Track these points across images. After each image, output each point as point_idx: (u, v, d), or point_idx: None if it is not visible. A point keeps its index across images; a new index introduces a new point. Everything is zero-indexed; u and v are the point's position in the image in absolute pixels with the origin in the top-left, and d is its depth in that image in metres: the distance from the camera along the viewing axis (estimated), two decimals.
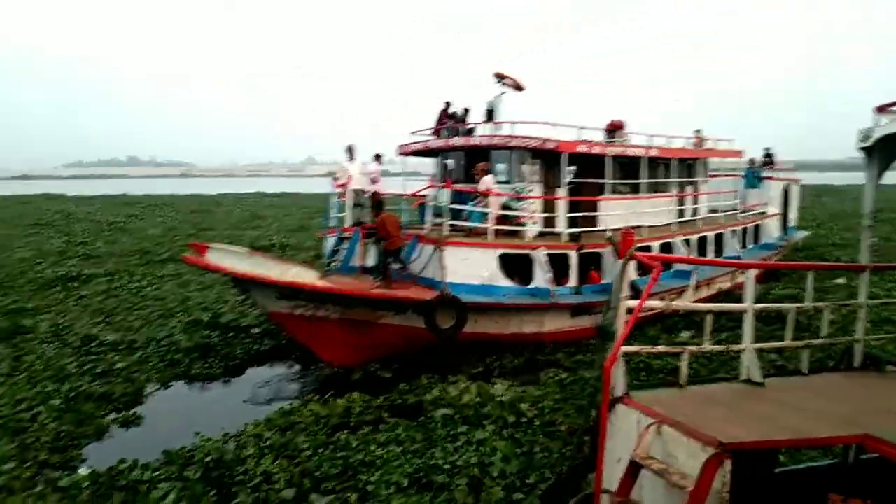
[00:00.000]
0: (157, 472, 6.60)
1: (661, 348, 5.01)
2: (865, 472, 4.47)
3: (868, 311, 5.84)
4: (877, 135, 5.25)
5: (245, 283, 9.77)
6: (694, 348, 4.89)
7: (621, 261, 4.35)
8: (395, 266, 10.98)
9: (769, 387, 4.90)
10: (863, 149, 5.46)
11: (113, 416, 8.51)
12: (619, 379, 4.26)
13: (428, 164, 15.41)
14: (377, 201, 11.65)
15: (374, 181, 12.96)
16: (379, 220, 10.97)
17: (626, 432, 4.08)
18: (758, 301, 4.97)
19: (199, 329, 11.94)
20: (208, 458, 6.74)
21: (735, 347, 5.09)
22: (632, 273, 4.31)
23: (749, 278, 5.11)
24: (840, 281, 14.91)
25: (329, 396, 8.70)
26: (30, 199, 54.67)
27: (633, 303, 4.35)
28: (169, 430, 8.10)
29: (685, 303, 4.79)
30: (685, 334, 11.00)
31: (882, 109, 5.46)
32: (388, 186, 14.03)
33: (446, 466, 6.42)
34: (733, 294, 14.44)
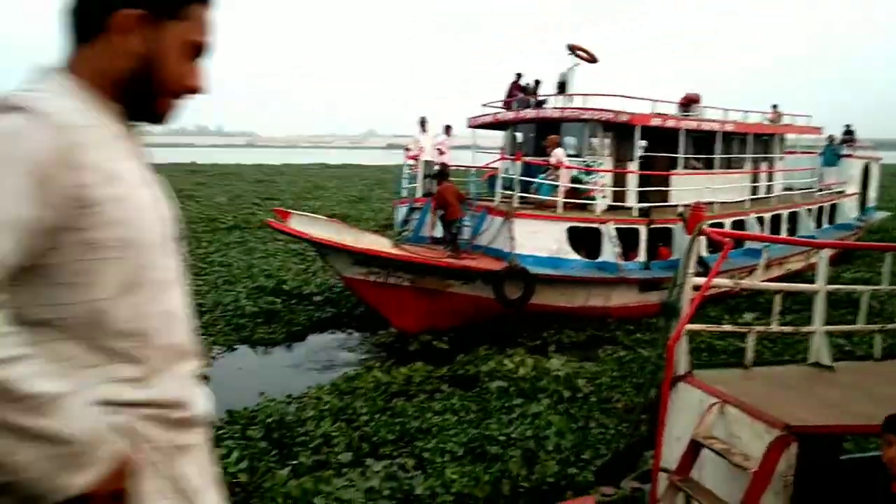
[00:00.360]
0: (222, 431, 6.84)
1: (726, 327, 4.90)
2: None
3: None
4: None
5: (323, 248, 10.15)
6: (761, 328, 4.76)
7: (689, 236, 4.24)
8: (451, 236, 11.21)
9: (839, 371, 4.73)
10: None
11: None
12: (682, 357, 4.19)
13: (494, 138, 15.46)
14: (443, 172, 11.83)
15: (441, 153, 13.23)
16: (438, 190, 11.14)
17: (688, 411, 4.03)
18: (830, 282, 4.78)
19: (262, 295, 12.26)
20: (270, 420, 6.95)
21: (804, 329, 4.92)
22: (701, 249, 4.22)
23: (822, 258, 4.91)
24: None
25: (391, 364, 8.86)
26: None
27: (701, 280, 4.25)
28: (233, 391, 8.35)
29: (754, 282, 4.62)
30: (748, 315, 10.70)
31: None
32: (458, 159, 14.28)
33: (501, 438, 6.47)
34: (803, 275, 13.94)
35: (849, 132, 20.71)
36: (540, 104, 13.83)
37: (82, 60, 1.22)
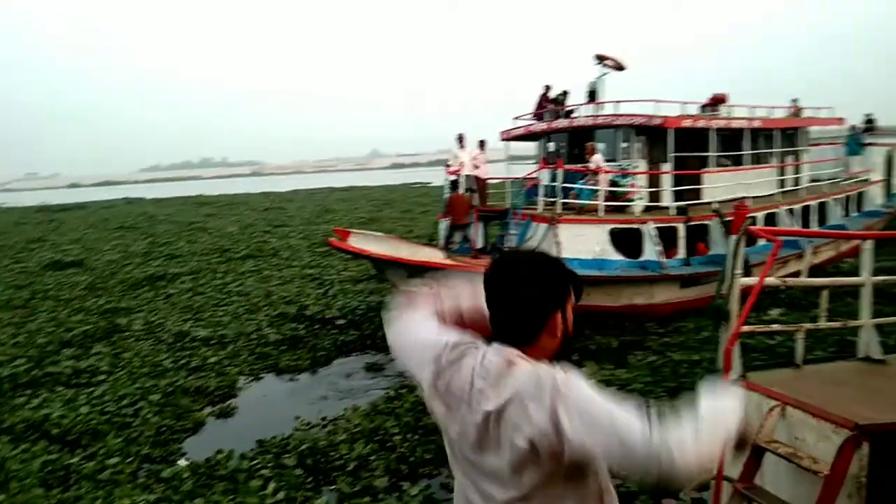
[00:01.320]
0: (255, 462, 6.76)
1: (776, 327, 4.74)
2: None
3: None
4: None
5: (382, 264, 10.64)
6: (810, 325, 4.61)
7: (734, 236, 4.11)
8: (457, 240, 12.30)
9: (891, 364, 4.59)
10: None
11: (209, 409, 8.76)
12: (736, 360, 4.07)
13: (525, 148, 16.24)
14: (481, 186, 13.08)
15: (476, 167, 13.96)
16: (449, 199, 12.11)
17: (746, 416, 3.88)
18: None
19: (285, 322, 12.23)
20: (303, 447, 6.87)
21: (853, 323, 4.77)
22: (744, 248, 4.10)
23: (866, 249, 4.77)
24: None
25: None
26: (112, 203, 57.49)
27: (749, 280, 4.12)
28: (262, 420, 8.30)
29: (802, 279, 4.50)
30: (774, 312, 10.58)
31: None
32: (493, 171, 15.09)
33: None
34: (836, 265, 14.01)
35: (870, 121, 20.96)
36: (569, 114, 14.42)
37: (536, 350, 1.86)
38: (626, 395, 5.46)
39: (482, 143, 14.43)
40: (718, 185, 13.16)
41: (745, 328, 4.20)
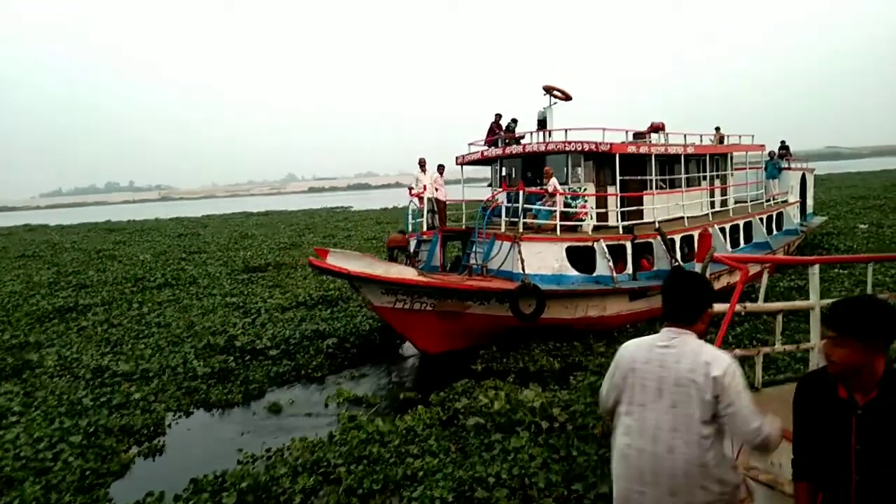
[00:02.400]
0: (190, 503, 6.45)
1: (737, 351, 4.89)
2: None
3: None
4: None
5: (358, 281, 10.91)
6: (767, 349, 4.82)
7: (700, 264, 4.25)
8: (401, 260, 13.27)
9: None
10: None
11: (135, 448, 8.38)
12: None
13: (475, 171, 17.48)
14: (440, 207, 14.11)
15: (436, 189, 14.92)
16: (388, 240, 13.83)
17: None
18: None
19: (213, 354, 11.83)
20: (243, 483, 6.61)
21: (805, 346, 5.03)
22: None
23: (814, 274, 5.06)
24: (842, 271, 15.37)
25: (364, 412, 8.64)
26: (11, 230, 53.92)
27: (716, 308, 4.25)
28: (195, 458, 7.99)
29: (759, 304, 4.69)
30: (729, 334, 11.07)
31: None
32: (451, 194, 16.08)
33: (490, 479, 6.32)
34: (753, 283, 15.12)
35: (784, 147, 23.13)
36: (519, 140, 15.60)
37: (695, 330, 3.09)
38: (567, 415, 5.50)
39: (441, 168, 15.37)
40: (658, 206, 14.56)
41: None
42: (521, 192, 12.77)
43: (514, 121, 16.10)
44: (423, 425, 7.97)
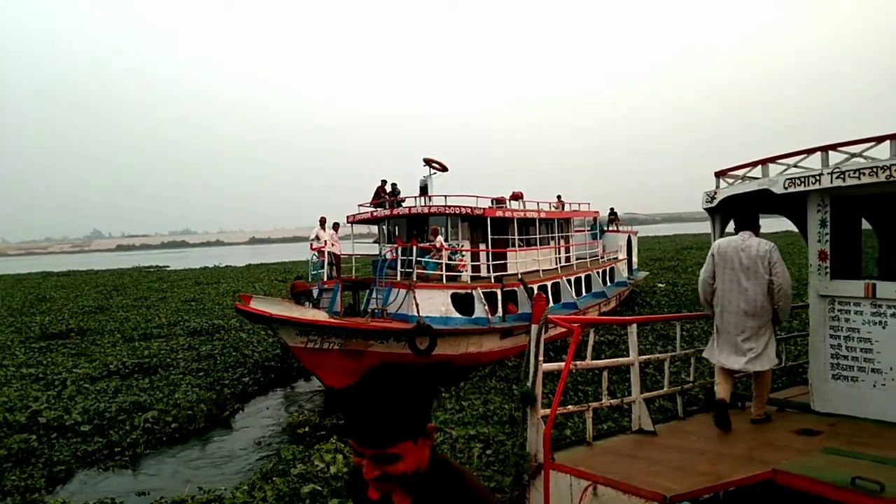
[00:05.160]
0: None
1: (570, 408, 5.20)
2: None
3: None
4: (720, 197, 6.18)
5: (275, 322, 12.29)
6: (595, 404, 5.19)
7: (535, 326, 4.51)
8: (304, 304, 14.58)
9: (661, 434, 5.30)
10: (707, 209, 6.35)
11: None
12: (541, 445, 4.36)
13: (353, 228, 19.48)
14: (336, 259, 17.03)
15: (333, 244, 17.19)
16: (292, 285, 15.81)
17: (559, 498, 4.15)
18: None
19: (11, 433, 10.43)
20: None
21: (627, 399, 5.51)
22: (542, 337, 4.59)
23: (632, 332, 5.60)
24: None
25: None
26: None
27: (551, 366, 4.57)
28: None
29: (588, 361, 5.04)
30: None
31: (721, 174, 6.43)
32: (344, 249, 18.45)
33: None
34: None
35: (613, 213, 28.11)
36: (401, 203, 18.30)
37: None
38: None
39: (336, 225, 17.60)
40: (520, 260, 17.48)
41: (545, 412, 4.54)
42: (414, 248, 14.99)
43: (395, 185, 19.15)
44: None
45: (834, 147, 5.55)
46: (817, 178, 5.24)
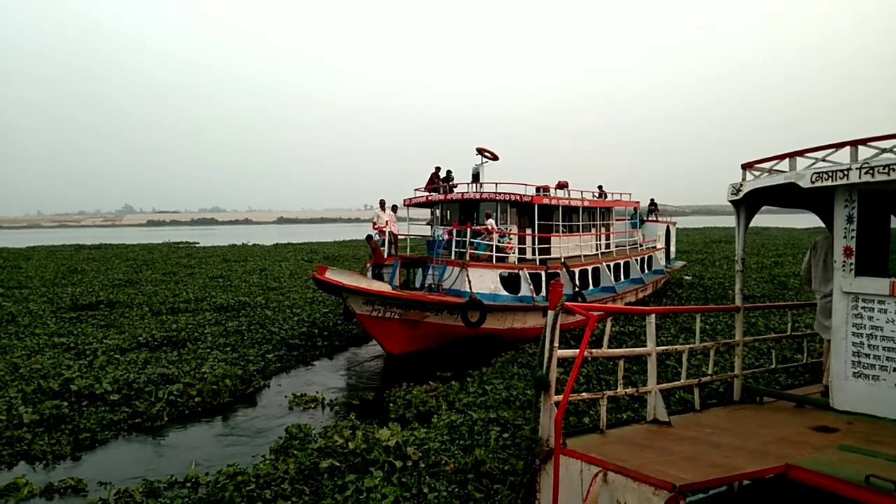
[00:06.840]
0: None
1: (584, 395, 5.28)
2: (748, 498, 4.91)
3: (743, 347, 6.67)
4: (745, 189, 6.14)
5: (346, 291, 14.13)
6: (610, 392, 5.24)
7: (552, 312, 4.53)
8: (381, 276, 16.74)
9: (676, 425, 5.34)
10: (733, 201, 6.32)
11: None
12: (553, 430, 4.43)
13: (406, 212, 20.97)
14: (394, 239, 18.73)
15: (391, 225, 18.72)
16: (374, 248, 17.27)
17: (569, 483, 4.21)
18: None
19: (45, 399, 10.89)
20: None
21: (643, 389, 5.56)
22: (558, 322, 4.62)
23: (650, 323, 5.64)
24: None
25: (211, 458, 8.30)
26: None
27: (565, 352, 4.61)
28: None
29: (604, 350, 5.06)
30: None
31: (748, 166, 6.39)
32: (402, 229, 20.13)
33: None
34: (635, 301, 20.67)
35: (653, 203, 29.39)
36: (453, 189, 19.83)
37: None
38: (421, 454, 5.76)
39: (395, 208, 19.21)
40: (563, 245, 19.19)
41: (558, 398, 4.60)
42: (468, 230, 16.90)
43: (449, 172, 20.36)
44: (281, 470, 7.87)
45: (864, 142, 5.46)
46: (845, 172, 5.19)
